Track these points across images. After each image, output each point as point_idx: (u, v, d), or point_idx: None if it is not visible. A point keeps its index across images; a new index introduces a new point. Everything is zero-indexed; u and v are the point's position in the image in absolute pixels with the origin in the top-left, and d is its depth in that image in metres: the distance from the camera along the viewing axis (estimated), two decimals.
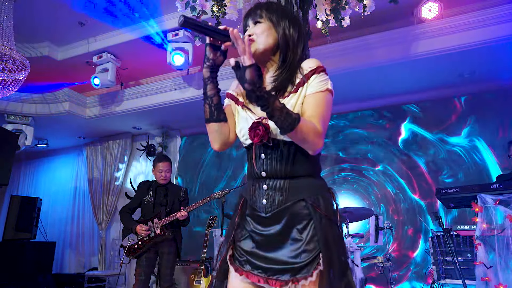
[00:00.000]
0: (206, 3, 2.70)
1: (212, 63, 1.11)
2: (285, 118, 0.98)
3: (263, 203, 1.11)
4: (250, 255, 1.11)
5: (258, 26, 1.15)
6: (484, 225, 2.61)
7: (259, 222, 1.12)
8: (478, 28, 3.24)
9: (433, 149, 4.17)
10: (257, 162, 1.13)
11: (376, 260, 3.31)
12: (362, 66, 3.65)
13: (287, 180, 1.10)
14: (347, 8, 2.58)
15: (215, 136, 1.17)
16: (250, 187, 1.17)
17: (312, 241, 1.06)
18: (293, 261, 1.05)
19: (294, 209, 1.09)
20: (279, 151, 1.10)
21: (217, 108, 1.14)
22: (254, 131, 1.07)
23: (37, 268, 5.02)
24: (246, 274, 1.09)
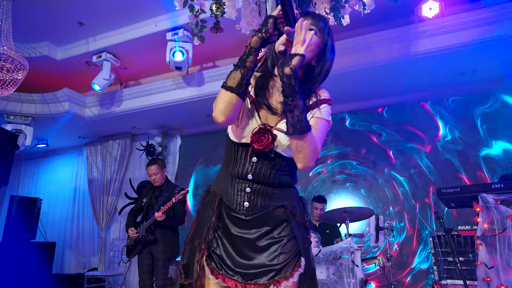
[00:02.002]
0: (205, 2, 2.68)
1: (267, 36, 1.03)
2: (301, 120, 0.99)
3: (244, 206, 1.10)
4: (228, 257, 1.09)
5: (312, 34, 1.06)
6: (486, 225, 2.59)
7: (237, 224, 1.11)
8: (478, 26, 3.22)
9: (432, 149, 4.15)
10: (246, 163, 1.10)
11: (376, 260, 3.30)
12: (362, 65, 3.63)
13: (272, 188, 1.11)
14: (346, 7, 2.57)
15: (228, 108, 1.04)
16: (227, 186, 1.13)
17: (289, 244, 1.09)
18: (271, 264, 1.07)
19: (274, 214, 1.11)
20: (272, 161, 1.10)
21: (246, 83, 1.05)
22: (259, 136, 1.06)
23: (37, 268, 5.02)
24: (223, 278, 1.07)
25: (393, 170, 4.29)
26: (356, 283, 2.74)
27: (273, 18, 1.03)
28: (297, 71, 0.98)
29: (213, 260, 1.10)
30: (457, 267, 2.78)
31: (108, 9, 3.87)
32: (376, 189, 4.33)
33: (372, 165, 4.39)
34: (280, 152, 1.10)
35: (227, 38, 4.01)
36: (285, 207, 1.12)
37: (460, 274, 2.74)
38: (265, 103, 1.12)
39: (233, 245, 1.10)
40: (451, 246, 2.86)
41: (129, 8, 3.86)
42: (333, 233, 3.81)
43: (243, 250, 1.09)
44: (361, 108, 4.56)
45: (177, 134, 5.47)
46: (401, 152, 4.29)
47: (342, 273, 2.78)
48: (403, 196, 4.19)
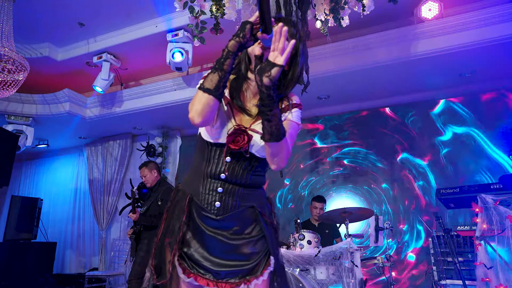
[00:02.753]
0: (204, 4, 2.69)
1: (244, 41, 1.05)
2: (278, 128, 1.02)
3: (215, 206, 1.11)
4: (199, 256, 1.10)
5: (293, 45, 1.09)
6: (485, 226, 2.60)
7: (208, 223, 1.12)
8: (477, 27, 3.23)
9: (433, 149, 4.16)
10: (220, 163, 1.11)
11: (376, 261, 3.30)
12: (361, 66, 3.64)
13: (243, 188, 1.14)
14: (346, 8, 2.57)
15: (205, 110, 1.05)
16: (198, 185, 1.14)
17: (259, 243, 1.13)
18: (242, 263, 1.10)
19: (244, 214, 1.14)
20: (245, 161, 1.12)
21: (223, 86, 1.06)
22: (234, 137, 1.08)
23: (38, 269, 5.03)
24: (195, 276, 1.08)
25: (394, 170, 4.29)
26: (356, 283, 2.75)
27: (250, 24, 1.04)
28: (275, 82, 1.00)
29: (184, 260, 1.10)
30: (456, 267, 2.79)
31: (109, 10, 3.89)
32: (377, 189, 4.33)
33: (373, 165, 4.40)
34: (254, 153, 1.12)
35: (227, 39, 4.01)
36: (255, 207, 1.15)
37: (460, 274, 2.75)
38: (239, 104, 1.14)
39: (204, 244, 1.11)
40: (450, 247, 2.87)
41: (129, 9, 3.87)
42: (333, 233, 3.82)
43: (214, 249, 1.10)
44: (361, 108, 4.57)
45: (177, 134, 5.48)
46: (402, 152, 4.30)
47: (342, 273, 2.79)
48: (404, 196, 4.19)
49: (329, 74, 3.74)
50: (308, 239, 2.98)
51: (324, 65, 3.67)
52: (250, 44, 1.07)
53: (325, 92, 4.25)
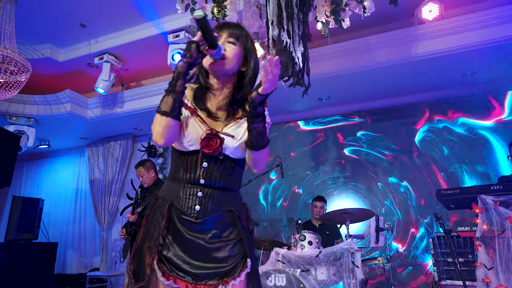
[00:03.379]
0: (206, 5, 2.71)
1: (192, 61, 1.09)
2: (264, 137, 1.13)
3: (195, 209, 1.14)
4: (178, 260, 1.12)
5: (232, 46, 1.16)
6: (485, 226, 2.61)
7: (189, 227, 1.14)
8: (478, 29, 3.24)
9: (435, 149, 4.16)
10: (197, 169, 1.15)
11: (376, 261, 3.31)
12: (362, 67, 3.65)
13: (222, 191, 1.18)
14: (347, 10, 2.59)
15: (166, 131, 1.10)
16: (178, 191, 1.17)
17: (236, 246, 1.17)
18: (220, 265, 1.13)
19: (223, 218, 1.18)
20: (222, 164, 1.16)
21: (179, 106, 1.11)
22: (207, 141, 1.12)
23: (39, 269, 5.05)
24: (174, 279, 1.10)
25: (395, 170, 4.30)
26: (357, 283, 2.76)
27: (195, 43, 1.08)
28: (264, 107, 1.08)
29: (163, 263, 1.12)
30: (457, 267, 2.79)
31: (110, 11, 3.90)
32: (377, 190, 4.34)
33: (373, 166, 4.41)
34: (229, 155, 1.16)
35: None
36: (233, 211, 1.19)
37: (460, 274, 2.75)
38: (207, 111, 1.18)
39: (184, 247, 1.13)
40: (450, 247, 2.88)
41: (130, 9, 3.89)
42: (333, 234, 3.83)
43: (194, 252, 1.13)
44: (362, 109, 4.58)
45: None
46: (403, 152, 4.31)
47: (343, 274, 2.80)
48: (404, 196, 4.20)
49: (329, 75, 3.75)
50: (309, 240, 2.99)
51: (324, 66, 3.68)
52: (198, 61, 1.12)
53: (326, 93, 4.26)
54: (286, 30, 1.91)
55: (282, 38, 1.91)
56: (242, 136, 1.16)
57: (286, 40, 1.90)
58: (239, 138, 1.16)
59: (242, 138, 1.16)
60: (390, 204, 4.27)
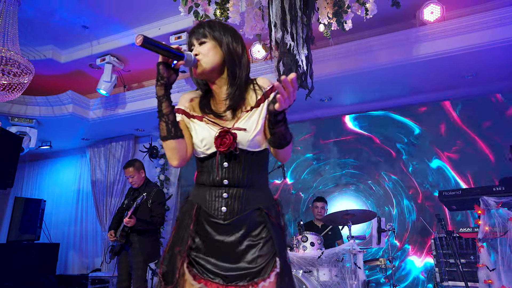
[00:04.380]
0: (208, 8, 2.72)
1: (166, 81, 1.13)
2: (287, 136, 1.13)
3: (222, 211, 1.14)
4: (208, 262, 1.13)
5: (203, 45, 1.18)
6: (487, 228, 2.61)
7: (217, 230, 1.15)
8: (479, 30, 3.25)
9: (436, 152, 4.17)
10: (219, 170, 1.15)
11: (378, 262, 3.32)
12: (363, 69, 3.66)
13: (246, 189, 1.16)
14: (349, 12, 2.59)
15: (174, 153, 1.17)
16: (205, 194, 1.18)
17: (266, 246, 1.14)
18: (250, 266, 1.11)
19: (251, 217, 1.16)
20: (242, 161, 1.16)
21: (174, 125, 1.15)
22: (221, 139, 1.12)
23: (41, 269, 5.06)
24: (205, 282, 1.11)
25: (397, 171, 4.31)
26: (359, 284, 2.77)
27: (161, 64, 1.13)
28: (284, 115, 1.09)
29: (194, 266, 1.13)
30: (459, 269, 2.80)
31: (112, 12, 3.91)
32: (379, 191, 4.35)
33: (375, 167, 4.42)
34: (247, 148, 1.15)
35: None
36: (261, 209, 1.16)
37: (462, 276, 2.76)
38: (214, 114, 1.20)
39: (214, 249, 1.14)
40: (452, 248, 2.88)
41: (132, 11, 3.89)
42: (335, 235, 3.83)
43: (223, 254, 1.13)
44: (362, 110, 4.59)
45: None
46: (405, 154, 4.32)
47: (345, 275, 2.81)
48: (405, 198, 4.21)
49: (331, 76, 3.76)
50: (311, 241, 3.00)
51: (326, 67, 3.69)
52: (174, 77, 1.16)
53: (327, 94, 4.27)
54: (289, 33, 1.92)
55: (285, 41, 1.92)
56: (255, 127, 1.15)
57: (290, 43, 1.91)
58: (252, 130, 1.14)
59: (256, 129, 1.15)
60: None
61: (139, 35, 1.03)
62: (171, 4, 3.66)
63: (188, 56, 1.12)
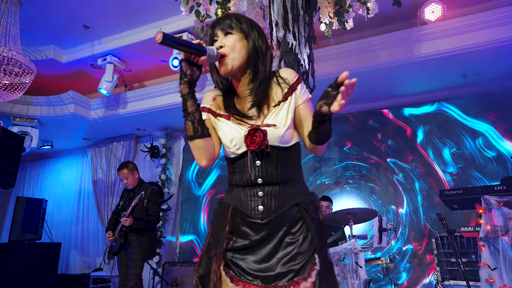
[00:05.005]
0: (210, 7, 2.72)
1: (189, 78, 1.10)
2: (329, 132, 1.09)
3: (259, 210, 1.11)
4: (246, 263, 1.09)
5: (229, 37, 1.14)
6: (488, 227, 2.61)
7: (255, 229, 1.11)
8: (481, 29, 3.24)
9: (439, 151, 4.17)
10: (252, 169, 1.12)
11: (380, 262, 3.32)
12: (365, 68, 3.66)
13: (282, 186, 1.13)
14: (350, 11, 2.60)
15: (201, 153, 1.14)
16: (240, 195, 1.15)
17: (305, 242, 1.09)
18: (289, 265, 1.07)
19: (289, 214, 1.11)
20: (274, 157, 1.12)
21: (200, 124, 1.12)
22: (251, 138, 1.09)
23: (43, 269, 5.07)
24: (243, 284, 1.08)
25: (397, 171, 4.31)
26: (360, 284, 2.77)
27: (184, 60, 1.09)
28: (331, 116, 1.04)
29: (231, 268, 1.11)
30: (460, 268, 2.80)
31: (113, 12, 3.92)
32: (380, 190, 4.35)
33: (376, 166, 4.42)
34: (278, 145, 1.12)
35: None
36: (299, 205, 1.12)
37: (463, 275, 2.76)
38: (240, 114, 1.16)
39: (251, 250, 1.10)
40: (454, 247, 2.88)
41: (133, 11, 3.90)
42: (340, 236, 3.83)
43: (262, 254, 1.09)
44: (363, 109, 4.59)
45: (181, 135, 5.51)
46: (407, 152, 4.32)
47: (346, 274, 2.81)
48: (408, 197, 4.21)
49: (332, 76, 3.73)
50: None
51: (327, 67, 3.69)
52: (198, 74, 1.11)
53: None
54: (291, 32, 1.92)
55: (287, 40, 1.92)
56: (285, 122, 1.11)
57: (292, 42, 1.91)
58: (282, 125, 1.11)
59: (285, 124, 1.11)
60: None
61: (159, 32, 1.00)
62: (172, 4, 3.67)
63: (211, 50, 1.08)
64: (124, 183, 3.49)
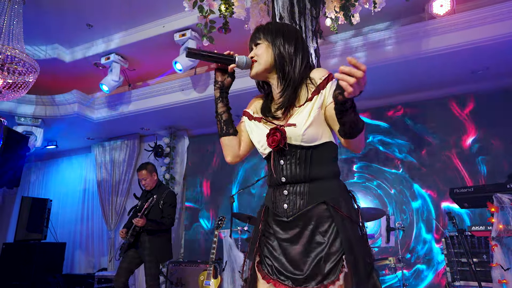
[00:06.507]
0: (213, 2, 2.68)
1: (220, 85, 1.26)
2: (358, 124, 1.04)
3: (284, 208, 1.14)
4: (277, 262, 1.13)
5: (258, 47, 1.25)
6: (501, 226, 2.54)
7: (282, 227, 1.15)
8: (491, 23, 3.16)
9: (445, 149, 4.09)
10: (276, 169, 1.17)
11: (387, 261, 3.26)
12: (371, 64, 3.59)
13: (307, 184, 1.13)
14: (357, 5, 2.54)
15: (226, 149, 1.28)
16: (271, 194, 1.21)
17: (335, 243, 1.07)
18: (318, 267, 1.06)
19: (315, 212, 1.11)
20: (297, 156, 1.14)
21: (226, 124, 1.26)
22: (271, 137, 1.14)
23: (48, 269, 5.07)
24: (274, 282, 1.11)
25: (405, 169, 4.24)
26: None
27: (217, 69, 1.26)
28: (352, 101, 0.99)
29: (265, 266, 1.16)
30: (471, 268, 2.73)
31: (116, 11, 3.90)
32: (388, 189, 4.28)
33: (384, 164, 4.34)
34: (300, 144, 1.13)
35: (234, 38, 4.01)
36: (326, 202, 1.10)
37: (475, 275, 2.69)
38: (271, 115, 1.23)
39: (282, 249, 1.13)
40: (464, 247, 2.81)
41: (137, 9, 3.87)
42: None
43: (291, 254, 1.11)
44: (371, 106, 4.52)
45: (184, 134, 5.48)
46: (413, 151, 4.24)
47: None
48: (416, 195, 4.14)
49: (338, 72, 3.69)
50: None
51: (333, 63, 3.63)
52: (229, 81, 1.27)
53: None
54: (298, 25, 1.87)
55: None
56: (305, 121, 1.12)
57: None
58: (302, 125, 1.11)
59: (306, 123, 1.11)
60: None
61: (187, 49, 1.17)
62: (174, 2, 3.64)
63: (239, 59, 1.21)
64: (142, 183, 3.52)
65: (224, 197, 5.07)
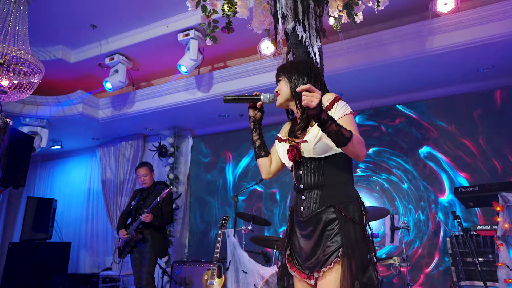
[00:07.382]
0: (216, 2, 2.68)
1: (253, 119, 1.57)
2: (342, 135, 1.23)
3: (301, 210, 1.39)
4: (298, 255, 1.41)
5: (280, 83, 1.51)
6: (506, 225, 2.52)
7: (300, 227, 1.41)
8: (496, 21, 3.13)
9: (449, 146, 4.06)
10: (297, 177, 1.42)
11: (392, 261, 3.24)
12: (375, 63, 3.58)
13: (318, 190, 1.37)
14: (360, 4, 2.53)
15: (261, 168, 1.58)
16: (295, 199, 1.47)
17: (335, 238, 1.30)
18: (321, 256, 1.31)
19: (324, 214, 1.34)
20: (311, 166, 1.38)
21: (259, 148, 1.57)
22: (290, 153, 1.41)
23: (53, 268, 5.11)
24: (297, 271, 1.40)
25: (410, 168, 4.21)
26: None
27: (249, 107, 1.56)
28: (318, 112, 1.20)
29: (294, 259, 1.43)
30: (477, 268, 2.71)
31: (120, 11, 3.92)
32: (392, 188, 4.26)
33: (388, 163, 4.32)
34: (313, 156, 1.37)
35: (237, 38, 4.02)
36: (333, 206, 1.33)
37: (480, 275, 2.67)
38: (294, 136, 1.47)
39: (300, 244, 1.39)
40: (470, 247, 2.79)
41: (140, 10, 3.89)
42: None
43: (306, 248, 1.36)
44: (374, 106, 4.50)
45: (188, 134, 5.49)
46: (417, 150, 4.22)
47: None
48: (420, 194, 4.11)
49: (342, 72, 3.69)
50: None
51: (337, 62, 3.62)
52: (259, 115, 1.57)
53: (338, 90, 4.19)
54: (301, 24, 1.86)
55: (297, 32, 1.86)
56: (315, 138, 1.35)
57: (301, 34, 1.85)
58: (312, 140, 1.35)
59: (315, 139, 1.34)
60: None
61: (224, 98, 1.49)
62: (178, 2, 3.66)
63: (264, 96, 1.50)
64: (141, 180, 3.62)
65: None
